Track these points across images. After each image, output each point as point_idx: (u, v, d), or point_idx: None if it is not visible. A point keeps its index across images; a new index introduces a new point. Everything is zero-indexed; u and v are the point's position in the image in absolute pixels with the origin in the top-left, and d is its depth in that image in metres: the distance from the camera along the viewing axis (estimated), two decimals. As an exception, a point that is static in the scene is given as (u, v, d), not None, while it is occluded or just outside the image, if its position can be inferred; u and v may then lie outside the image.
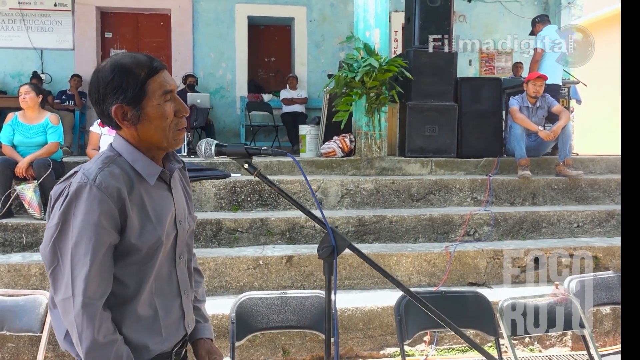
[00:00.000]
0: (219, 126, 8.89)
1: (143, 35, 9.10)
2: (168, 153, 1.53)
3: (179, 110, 1.43)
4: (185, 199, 1.61)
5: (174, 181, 1.53)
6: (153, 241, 1.40)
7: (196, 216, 1.68)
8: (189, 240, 1.61)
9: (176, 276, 1.52)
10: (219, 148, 1.50)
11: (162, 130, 1.40)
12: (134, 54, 1.43)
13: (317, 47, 9.40)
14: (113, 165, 1.37)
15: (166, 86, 1.40)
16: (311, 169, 5.58)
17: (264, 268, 4.02)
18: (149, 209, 1.40)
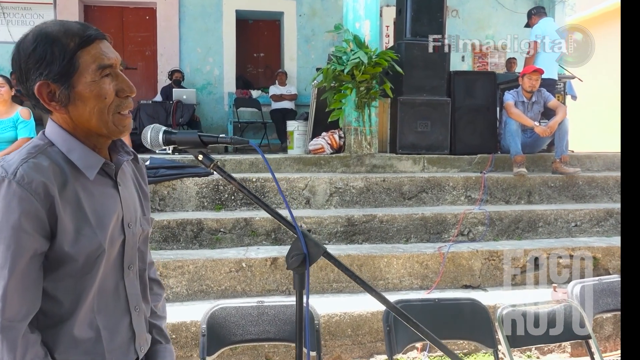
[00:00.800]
0: (205, 123, 8.66)
1: (128, 30, 8.85)
2: (116, 142, 1.30)
3: (121, 89, 1.20)
4: (139, 197, 1.38)
5: (123, 176, 1.30)
6: (92, 248, 1.16)
7: (153, 218, 1.45)
8: (143, 247, 1.37)
9: (124, 290, 1.28)
10: (167, 136, 1.26)
11: (98, 113, 1.17)
12: (64, 21, 1.19)
13: (307, 42, 9.18)
14: (41, 156, 1.14)
15: (103, 59, 1.17)
16: (298, 167, 5.39)
17: (247, 271, 3.82)
18: (87, 210, 1.17)
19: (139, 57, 8.90)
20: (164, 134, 1.27)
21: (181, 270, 3.76)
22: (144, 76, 8.95)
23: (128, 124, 1.23)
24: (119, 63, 1.22)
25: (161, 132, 1.26)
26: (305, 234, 1.24)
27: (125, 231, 1.26)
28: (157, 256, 3.84)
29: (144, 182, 1.44)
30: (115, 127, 1.20)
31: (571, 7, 10.18)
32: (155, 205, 4.59)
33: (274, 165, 5.37)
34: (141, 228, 1.34)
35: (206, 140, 1.26)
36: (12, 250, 1.07)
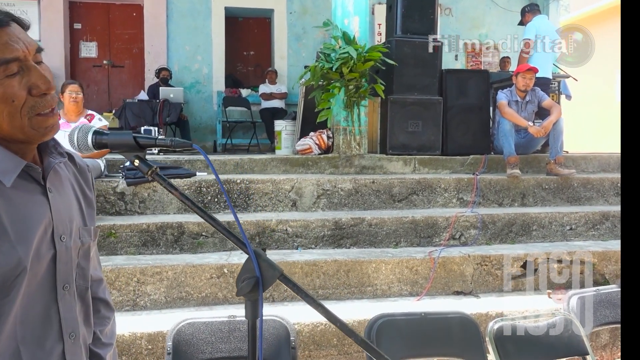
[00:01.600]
0: (194, 122, 8.49)
1: (114, 27, 8.66)
2: (48, 143, 1.12)
3: (34, 85, 0.99)
4: (79, 205, 1.19)
5: (56, 181, 1.12)
6: (9, 267, 0.98)
7: (98, 229, 1.25)
8: (84, 262, 1.18)
9: (57, 314, 1.09)
10: (98, 137, 1.08)
11: (9, 117, 0.98)
12: None
13: (297, 40, 9.02)
14: None
15: (5, 52, 0.96)
16: (285, 168, 5.23)
17: (229, 277, 3.66)
18: (5, 220, 0.99)
19: (126, 55, 8.72)
20: (94, 134, 1.08)
21: (159, 277, 3.60)
22: (131, 74, 8.77)
23: (52, 125, 1.04)
24: (33, 52, 1.01)
25: (90, 133, 1.08)
26: (259, 254, 1.08)
27: (57, 245, 1.07)
28: (135, 261, 3.68)
29: (88, 187, 1.25)
30: (35, 131, 1.01)
31: (565, 7, 10.07)
32: (135, 208, 4.42)
33: (260, 166, 5.22)
34: (80, 241, 1.15)
35: (142, 142, 1.08)
36: None
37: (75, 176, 1.21)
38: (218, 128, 8.30)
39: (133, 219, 4.20)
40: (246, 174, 5.02)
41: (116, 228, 3.97)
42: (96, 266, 1.30)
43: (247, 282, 1.05)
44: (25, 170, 1.03)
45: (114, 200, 4.37)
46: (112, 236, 3.97)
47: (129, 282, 3.55)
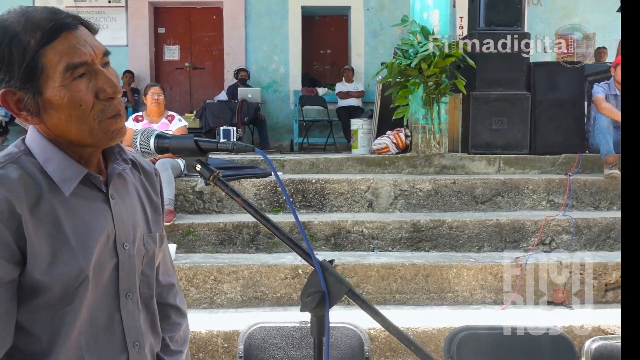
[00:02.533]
0: (271, 122, 8.59)
1: (195, 30, 8.95)
2: (113, 149, 1.08)
3: (101, 89, 0.96)
4: (144, 211, 1.15)
5: (120, 188, 1.09)
6: (71, 276, 0.96)
7: (164, 235, 1.21)
8: (148, 270, 1.14)
9: (120, 323, 1.06)
10: (160, 141, 1.03)
11: (77, 121, 0.95)
12: (29, 9, 0.95)
13: (374, 37, 8.87)
14: (10, 167, 0.95)
15: (72, 57, 0.93)
16: (361, 167, 5.12)
17: (303, 278, 3.61)
18: (67, 229, 0.96)
19: (206, 57, 8.99)
20: (156, 138, 1.03)
21: (236, 276, 3.62)
22: (211, 75, 9.03)
23: (119, 128, 1.00)
24: (100, 56, 0.98)
25: (152, 137, 1.03)
26: (325, 267, 0.98)
27: (119, 253, 1.04)
28: (212, 260, 3.74)
29: (155, 192, 1.21)
30: (103, 135, 0.98)
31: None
32: (213, 206, 4.49)
33: (336, 165, 5.15)
34: (144, 248, 1.11)
35: (204, 146, 1.02)
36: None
37: (141, 181, 1.17)
38: (295, 127, 8.34)
39: (211, 217, 4.27)
40: (322, 174, 4.96)
41: (194, 226, 4.05)
42: (167, 271, 1.27)
43: (312, 297, 0.97)
44: (87, 177, 1.01)
45: (192, 199, 4.46)
46: (191, 234, 4.05)
47: (206, 280, 3.60)
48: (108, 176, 1.06)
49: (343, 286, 0.97)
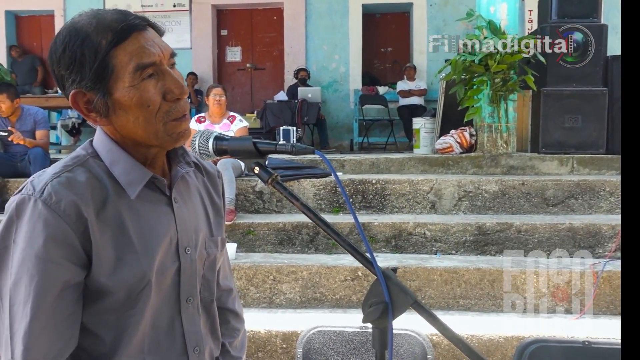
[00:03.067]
0: (331, 121, 8.55)
1: (257, 31, 9.05)
2: (176, 150, 1.08)
3: (169, 90, 0.96)
4: (206, 214, 1.14)
5: (183, 191, 1.08)
6: (135, 279, 0.96)
7: (225, 238, 1.20)
8: (209, 274, 1.13)
9: (181, 327, 1.06)
10: (218, 143, 1.01)
11: (145, 122, 0.96)
12: (99, 11, 0.96)
13: (438, 33, 8.61)
14: (78, 170, 0.95)
15: (142, 57, 0.93)
16: (424, 167, 4.98)
17: (363, 280, 3.55)
18: (132, 233, 0.97)
19: (267, 58, 9.08)
20: (215, 140, 1.01)
21: (295, 276, 3.60)
22: (272, 76, 9.10)
23: (184, 130, 1.00)
24: (168, 57, 0.98)
25: (211, 139, 1.01)
26: (389, 276, 0.91)
27: (181, 257, 1.04)
28: (272, 260, 3.74)
29: (218, 194, 1.20)
30: (169, 137, 0.98)
31: None
32: (272, 206, 4.49)
33: (397, 165, 5.03)
34: (206, 252, 1.10)
35: (262, 148, 0.99)
36: (37, 283, 0.88)
37: (204, 184, 1.17)
38: (355, 127, 8.27)
39: (270, 217, 4.28)
40: (382, 174, 4.87)
41: (254, 226, 4.07)
42: (226, 275, 1.26)
43: (374, 308, 0.90)
44: (151, 180, 1.01)
45: (253, 198, 4.48)
46: (251, 234, 4.07)
47: (265, 280, 3.60)
48: (171, 179, 1.05)
49: (408, 297, 0.91)
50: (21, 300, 0.88)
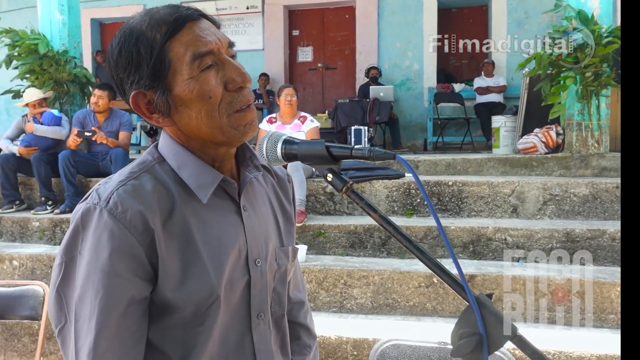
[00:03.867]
0: (403, 120, 8.33)
1: (329, 30, 8.99)
2: (245, 153, 1.02)
3: (230, 79, 0.90)
4: (277, 222, 1.07)
5: (251, 197, 1.01)
6: (203, 294, 0.89)
7: (297, 248, 1.11)
8: (280, 287, 1.05)
9: (251, 344, 0.98)
10: (287, 147, 0.93)
11: (207, 116, 0.89)
12: (152, 9, 0.92)
13: (518, 27, 8.17)
14: (144, 176, 0.91)
15: (198, 45, 0.88)
16: (504, 169, 4.69)
17: (439, 287, 3.38)
18: (200, 244, 0.90)
19: (338, 57, 8.99)
20: (283, 144, 0.93)
21: (366, 281, 3.49)
22: (343, 75, 9.01)
23: (250, 121, 0.93)
24: (226, 46, 0.92)
25: (280, 143, 0.93)
26: (483, 303, 0.77)
27: (251, 270, 0.97)
28: (342, 263, 3.64)
29: (288, 200, 1.12)
30: (235, 130, 0.91)
31: None
32: (343, 208, 4.39)
33: (475, 166, 4.77)
34: (276, 263, 1.03)
35: (336, 153, 0.89)
36: (102, 298, 0.83)
37: (274, 189, 1.09)
38: (429, 126, 8.00)
39: (341, 219, 4.18)
40: (459, 175, 4.64)
41: (325, 228, 3.98)
42: (298, 287, 1.19)
43: (467, 340, 0.78)
44: (220, 185, 0.95)
45: (323, 200, 4.40)
46: (321, 236, 3.99)
47: (336, 283, 3.51)
48: (240, 184, 0.99)
49: (507, 330, 0.77)
50: (86, 315, 0.84)
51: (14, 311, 2.37)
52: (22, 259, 4.03)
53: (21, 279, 3.99)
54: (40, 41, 5.39)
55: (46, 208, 4.76)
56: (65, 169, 4.66)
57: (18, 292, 2.39)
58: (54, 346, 3.46)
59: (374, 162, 0.89)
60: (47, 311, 2.36)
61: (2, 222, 4.69)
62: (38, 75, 5.43)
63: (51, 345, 3.46)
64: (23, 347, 3.59)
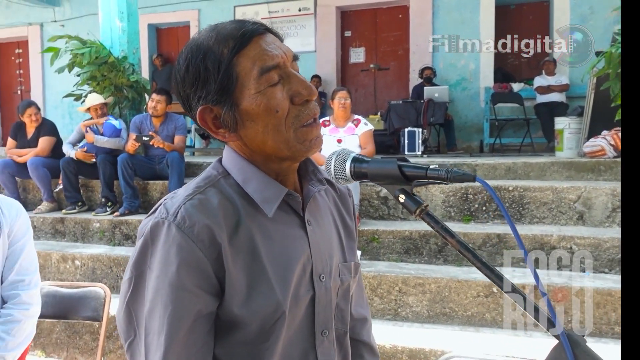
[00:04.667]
0: (459, 121, 8.10)
1: (381, 31, 8.86)
2: (307, 166, 1.00)
3: (296, 92, 0.89)
4: (339, 237, 1.05)
5: (315, 211, 1.00)
6: (268, 310, 0.89)
7: (359, 264, 1.09)
8: (343, 303, 1.03)
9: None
10: (357, 166, 0.90)
11: (274, 130, 0.89)
12: (218, 25, 0.92)
13: (583, 23, 7.77)
14: (210, 191, 0.91)
15: (265, 59, 0.88)
16: (569, 173, 4.46)
17: (498, 297, 3.24)
18: (265, 259, 0.90)
19: (391, 57, 8.85)
20: (352, 162, 0.90)
21: (422, 289, 3.39)
22: (396, 76, 8.86)
23: (316, 136, 0.92)
24: (291, 59, 0.92)
25: (348, 161, 0.91)
26: (577, 342, 0.69)
27: (316, 286, 0.96)
28: (397, 269, 3.56)
29: (349, 215, 1.10)
30: (300, 145, 0.90)
31: None
32: (398, 213, 4.29)
33: (537, 170, 4.56)
34: (339, 279, 1.01)
35: (410, 173, 0.86)
36: (171, 313, 0.83)
37: (335, 204, 1.08)
38: (485, 127, 7.74)
39: (396, 224, 4.09)
40: (520, 180, 4.45)
41: (379, 233, 3.90)
42: (361, 303, 1.16)
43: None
44: (284, 199, 0.94)
45: (377, 204, 4.32)
46: (375, 241, 3.91)
47: (390, 290, 3.43)
48: (304, 198, 0.98)
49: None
50: (155, 330, 0.84)
51: (77, 312, 2.44)
52: (83, 259, 4.17)
53: (83, 278, 4.13)
54: (101, 49, 5.58)
55: (106, 209, 4.91)
56: (124, 171, 4.79)
57: (81, 294, 2.45)
58: (113, 345, 3.55)
59: (451, 183, 0.82)
60: (107, 312, 2.41)
61: (65, 223, 4.88)
62: (99, 82, 5.62)
63: (110, 344, 3.55)
64: (84, 345, 3.71)
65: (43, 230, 4.95)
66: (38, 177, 5.18)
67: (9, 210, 1.85)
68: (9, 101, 11.22)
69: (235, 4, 9.15)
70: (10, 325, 1.79)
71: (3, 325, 1.79)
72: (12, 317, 1.80)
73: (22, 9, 10.46)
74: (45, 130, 5.45)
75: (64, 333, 3.73)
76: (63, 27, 9.98)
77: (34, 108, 5.45)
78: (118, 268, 4.07)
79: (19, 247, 1.84)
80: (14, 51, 11.12)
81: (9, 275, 1.82)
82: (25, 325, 1.84)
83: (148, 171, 5.11)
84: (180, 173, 4.82)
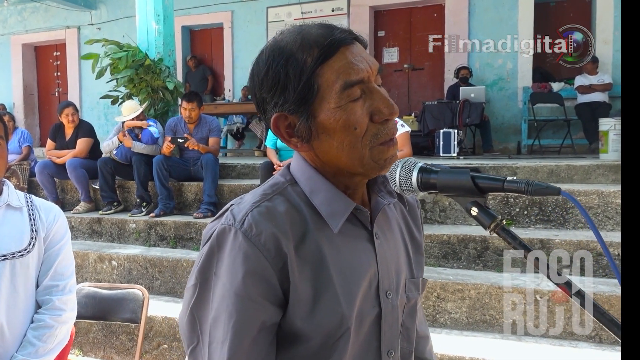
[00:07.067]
0: (495, 122, 7.92)
1: (415, 30, 8.73)
2: (376, 178, 0.96)
3: (377, 110, 0.85)
4: (407, 252, 1.01)
5: (383, 225, 0.96)
6: (333, 325, 0.85)
7: (426, 280, 1.05)
8: (409, 321, 0.99)
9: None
10: (424, 176, 0.84)
11: (349, 148, 0.86)
12: (303, 27, 0.88)
13: (626, 20, 7.51)
14: (277, 199, 0.88)
15: (350, 74, 0.83)
16: (615, 176, 4.28)
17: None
18: (332, 271, 0.86)
19: (425, 57, 8.71)
20: (420, 173, 0.84)
21: (461, 295, 3.29)
22: (430, 76, 8.72)
23: (392, 156, 0.88)
24: (375, 73, 0.87)
25: (415, 172, 0.85)
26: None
27: (382, 302, 0.92)
28: (435, 275, 3.47)
29: (417, 228, 1.05)
30: (375, 163, 0.87)
31: None
32: (435, 216, 4.19)
33: (581, 173, 4.40)
34: (406, 296, 0.98)
35: (484, 185, 0.79)
36: (235, 322, 0.81)
37: (404, 217, 1.04)
38: (523, 128, 7.54)
39: (433, 228, 3.99)
40: (563, 183, 4.29)
41: (420, 237, 3.82)
42: (422, 320, 1.12)
43: None
44: (352, 212, 0.91)
45: (414, 207, 4.23)
46: (412, 245, 3.82)
47: (428, 296, 3.34)
48: (372, 211, 0.94)
49: None
50: (219, 339, 0.82)
51: (116, 313, 2.44)
52: (120, 260, 4.21)
53: (119, 278, 4.17)
54: (137, 52, 5.64)
55: (141, 210, 4.95)
56: (159, 172, 4.82)
57: (120, 295, 2.45)
58: (149, 345, 3.56)
59: (533, 196, 0.75)
60: (145, 314, 2.40)
61: (102, 223, 4.94)
62: (135, 84, 5.68)
63: (146, 345, 3.56)
64: (121, 345, 3.73)
65: (81, 230, 5.03)
66: (76, 178, 5.27)
67: (47, 215, 1.84)
68: (47, 103, 11.52)
69: (268, 5, 9.16)
70: (41, 330, 1.76)
71: (34, 331, 1.76)
72: (44, 322, 1.77)
73: (60, 13, 10.73)
74: (83, 131, 5.55)
75: (101, 333, 3.77)
76: (99, 30, 10.19)
77: (72, 108, 5.55)
78: (153, 269, 4.09)
79: (54, 252, 1.83)
80: (52, 54, 11.41)
81: (44, 280, 1.80)
82: (57, 332, 1.81)
83: (183, 173, 5.13)
84: (215, 175, 4.83)
